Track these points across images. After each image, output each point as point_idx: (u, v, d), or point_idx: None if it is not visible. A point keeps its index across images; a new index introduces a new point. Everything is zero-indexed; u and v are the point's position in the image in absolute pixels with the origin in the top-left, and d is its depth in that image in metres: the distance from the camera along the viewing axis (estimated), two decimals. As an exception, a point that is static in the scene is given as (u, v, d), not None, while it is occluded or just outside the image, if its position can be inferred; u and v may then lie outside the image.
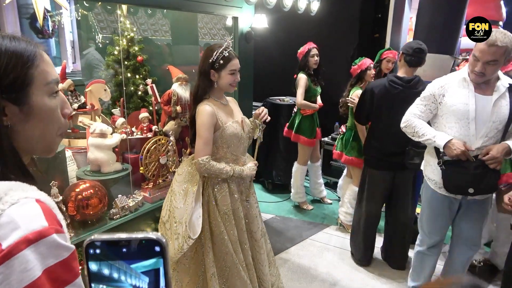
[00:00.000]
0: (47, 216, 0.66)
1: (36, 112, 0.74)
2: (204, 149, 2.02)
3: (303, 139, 3.91)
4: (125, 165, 2.81)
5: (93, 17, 4.71)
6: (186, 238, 2.02)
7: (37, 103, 0.74)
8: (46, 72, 0.76)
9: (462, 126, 2.14)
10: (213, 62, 2.03)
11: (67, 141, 2.88)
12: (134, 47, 3.38)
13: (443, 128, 2.23)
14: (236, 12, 3.26)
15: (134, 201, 2.68)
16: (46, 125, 0.77)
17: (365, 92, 2.94)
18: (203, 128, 2.02)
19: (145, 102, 3.44)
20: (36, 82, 0.74)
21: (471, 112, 2.10)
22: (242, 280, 2.17)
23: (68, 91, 2.82)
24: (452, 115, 2.17)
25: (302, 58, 3.78)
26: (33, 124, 0.74)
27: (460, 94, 2.15)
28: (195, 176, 2.13)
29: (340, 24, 4.83)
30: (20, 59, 0.72)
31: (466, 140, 2.13)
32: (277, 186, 4.67)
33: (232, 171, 2.08)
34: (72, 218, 2.34)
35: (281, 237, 3.64)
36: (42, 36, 4.17)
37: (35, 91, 0.74)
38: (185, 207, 2.06)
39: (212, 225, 2.15)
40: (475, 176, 2.09)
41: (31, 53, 0.74)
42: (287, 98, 4.69)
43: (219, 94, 2.15)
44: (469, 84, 2.14)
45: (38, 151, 0.81)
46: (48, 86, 0.76)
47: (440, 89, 2.21)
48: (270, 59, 5.06)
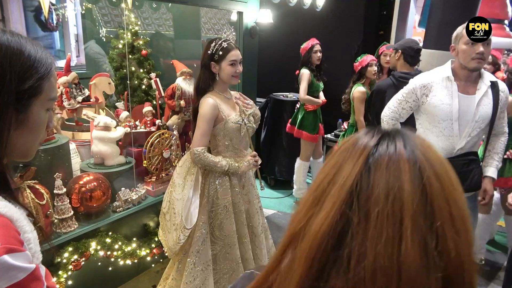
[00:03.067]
0: (1, 233, 0.61)
1: (30, 122, 0.73)
2: (201, 140, 2.04)
3: (306, 134, 3.91)
4: (129, 158, 2.82)
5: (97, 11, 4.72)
6: (182, 229, 2.06)
7: (34, 115, 0.73)
8: (52, 87, 0.76)
9: (446, 127, 2.11)
10: (213, 54, 2.03)
11: (71, 134, 2.89)
12: (139, 41, 3.38)
13: (427, 126, 2.20)
14: (241, 6, 3.25)
15: (137, 194, 2.69)
16: (32, 136, 0.76)
17: (373, 93, 2.93)
18: (203, 119, 2.04)
19: (149, 96, 3.44)
20: (43, 95, 0.73)
21: (454, 113, 2.07)
22: (238, 274, 2.18)
23: (73, 84, 2.83)
24: (435, 115, 2.13)
25: (305, 54, 3.78)
26: (20, 132, 0.73)
27: (443, 94, 2.11)
28: (194, 167, 2.14)
29: (345, 20, 4.81)
30: (39, 69, 0.72)
31: (450, 140, 2.12)
32: (279, 182, 4.67)
33: (227, 166, 2.07)
34: (76, 210, 2.36)
35: (282, 232, 3.64)
36: (47, 29, 4.17)
37: (38, 103, 0.73)
38: (183, 197, 2.09)
39: (210, 220, 2.16)
40: (459, 174, 2.09)
41: (48, 66, 0.74)
42: (290, 94, 4.68)
43: (222, 87, 2.15)
44: (452, 83, 2.09)
45: (16, 156, 0.78)
46: (49, 102, 0.76)
47: (423, 88, 2.16)
48: (274, 54, 5.05)
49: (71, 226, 2.31)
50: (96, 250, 2.34)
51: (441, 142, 2.14)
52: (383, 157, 0.50)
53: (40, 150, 2.22)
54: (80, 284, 2.32)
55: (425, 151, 0.51)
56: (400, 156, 0.49)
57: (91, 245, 2.32)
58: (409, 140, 0.52)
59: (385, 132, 0.53)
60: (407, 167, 0.48)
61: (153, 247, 2.65)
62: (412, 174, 0.48)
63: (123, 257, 2.49)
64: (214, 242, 2.19)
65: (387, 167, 0.49)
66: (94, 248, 2.33)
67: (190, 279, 2.13)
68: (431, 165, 0.50)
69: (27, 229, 0.68)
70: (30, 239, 0.68)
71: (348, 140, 0.55)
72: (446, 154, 2.13)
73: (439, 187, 0.48)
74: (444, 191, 0.49)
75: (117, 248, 2.44)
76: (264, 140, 4.62)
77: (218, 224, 2.17)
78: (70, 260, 2.22)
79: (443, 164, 0.52)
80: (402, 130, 0.54)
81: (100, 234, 2.41)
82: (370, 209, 0.47)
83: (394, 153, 0.50)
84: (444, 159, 0.53)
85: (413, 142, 0.52)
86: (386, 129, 0.54)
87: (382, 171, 0.49)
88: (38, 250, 0.71)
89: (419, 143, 0.52)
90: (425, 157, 0.50)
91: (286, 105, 4.52)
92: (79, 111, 2.86)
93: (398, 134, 0.53)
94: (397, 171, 0.48)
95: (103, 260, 2.44)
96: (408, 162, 0.49)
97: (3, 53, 0.67)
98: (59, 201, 2.25)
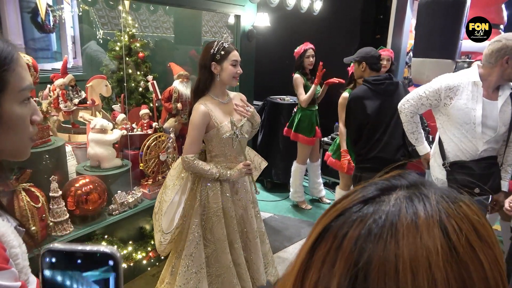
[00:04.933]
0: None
1: (5, 120, 0.67)
2: (191, 148, 2.04)
3: (302, 137, 3.91)
4: (125, 161, 2.80)
5: (94, 13, 4.71)
6: (162, 232, 2.10)
7: (7, 111, 0.67)
8: (21, 77, 0.68)
9: (468, 130, 2.15)
10: (214, 54, 2.02)
11: (67, 136, 2.88)
12: (136, 43, 3.38)
13: (448, 127, 2.23)
14: (239, 10, 3.25)
15: (133, 197, 2.68)
16: (15, 134, 0.70)
17: (350, 102, 2.91)
18: (192, 127, 2.04)
19: (146, 98, 3.44)
20: (10, 88, 0.66)
21: (477, 117, 2.11)
22: (229, 279, 2.19)
23: (69, 86, 2.82)
24: (458, 118, 2.17)
25: (297, 58, 3.78)
26: (1, 132, 0.67)
27: (468, 98, 2.14)
28: (185, 172, 2.14)
29: (342, 24, 4.83)
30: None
31: (473, 142, 2.15)
32: (276, 185, 4.67)
33: (218, 174, 2.07)
34: (72, 213, 2.34)
35: (279, 236, 3.64)
36: (43, 31, 4.15)
37: (7, 98, 0.66)
38: (170, 200, 2.10)
39: (203, 222, 2.16)
40: (481, 176, 2.12)
41: (8, 55, 0.66)
42: (287, 97, 4.69)
43: (219, 91, 2.12)
44: (478, 88, 2.13)
45: (8, 156, 0.73)
46: (21, 93, 0.69)
47: (448, 91, 2.19)
48: (271, 58, 5.05)
49: (67, 229, 2.30)
50: (91, 253, 2.32)
51: (464, 144, 2.18)
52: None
53: (36, 152, 2.21)
54: (75, 287, 2.30)
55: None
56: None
57: (87, 248, 2.30)
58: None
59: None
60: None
61: (149, 251, 2.64)
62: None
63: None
64: (207, 245, 2.19)
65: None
66: (90, 252, 2.31)
67: (184, 282, 2.12)
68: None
69: (14, 244, 0.64)
70: (18, 254, 0.64)
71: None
72: (470, 156, 2.18)
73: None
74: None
75: (112, 252, 2.43)
76: (261, 143, 4.62)
77: (209, 227, 2.17)
78: (65, 263, 2.20)
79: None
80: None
81: (96, 237, 2.39)
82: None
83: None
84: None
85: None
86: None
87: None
88: (26, 265, 0.67)
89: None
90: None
91: (283, 108, 4.53)
92: (75, 113, 2.85)
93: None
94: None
95: (98, 264, 2.43)
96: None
97: None
98: (54, 204, 2.23)
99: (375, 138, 2.88)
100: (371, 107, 2.83)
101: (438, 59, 2.26)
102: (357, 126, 2.94)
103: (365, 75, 2.92)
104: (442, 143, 2.31)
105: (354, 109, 2.91)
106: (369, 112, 2.83)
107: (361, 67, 2.92)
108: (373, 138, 2.88)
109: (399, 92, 2.86)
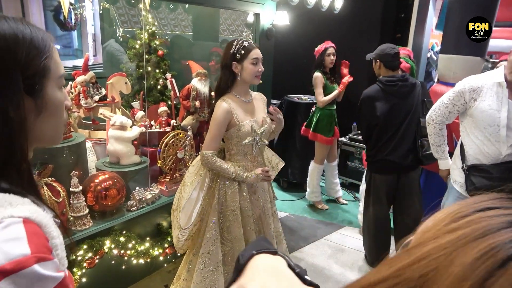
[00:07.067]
0: (32, 241, 0.58)
1: (49, 105, 0.71)
2: (210, 144, 2.05)
3: (321, 137, 3.88)
4: (143, 158, 2.83)
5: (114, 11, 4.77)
6: (179, 228, 2.10)
7: (51, 96, 0.71)
8: (57, 63, 0.72)
9: (492, 132, 2.09)
10: (234, 54, 2.02)
11: (87, 133, 2.92)
12: (156, 41, 3.40)
13: (471, 130, 2.18)
14: (258, 8, 3.24)
15: (151, 194, 2.70)
16: (55, 118, 0.73)
17: (362, 102, 2.88)
18: (214, 124, 2.04)
19: (164, 96, 3.46)
20: (51, 74, 0.70)
21: (502, 119, 2.05)
22: None
23: (90, 83, 2.85)
24: (481, 120, 2.11)
25: (318, 57, 3.75)
26: (44, 117, 0.70)
27: (493, 99, 2.08)
28: (204, 169, 2.15)
29: (362, 23, 4.76)
30: (40, 49, 0.68)
31: (496, 145, 2.09)
32: (292, 185, 4.65)
33: (235, 174, 2.07)
34: (91, 208, 2.38)
35: (295, 235, 3.62)
36: (65, 29, 4.23)
37: (49, 83, 0.70)
38: (188, 196, 2.11)
39: (220, 220, 2.16)
40: (500, 180, 2.06)
41: (47, 41, 0.70)
42: (305, 97, 4.65)
43: (242, 89, 2.12)
44: (503, 89, 2.06)
45: (46, 142, 0.76)
46: (59, 80, 0.73)
47: (472, 92, 2.14)
48: (290, 56, 5.02)
49: (86, 224, 2.33)
50: (110, 248, 2.35)
51: (487, 147, 2.12)
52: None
53: (57, 148, 2.25)
54: (94, 281, 2.33)
55: None
56: None
57: (105, 243, 2.33)
58: None
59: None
60: None
61: (166, 247, 2.65)
62: None
63: (136, 256, 2.50)
64: (224, 243, 2.19)
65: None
66: (108, 247, 2.34)
67: (201, 279, 2.13)
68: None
69: (55, 235, 0.65)
70: (57, 245, 0.66)
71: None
72: (492, 160, 2.12)
73: None
74: None
75: (130, 247, 2.45)
76: (278, 142, 4.60)
77: (227, 225, 2.17)
78: (84, 257, 2.23)
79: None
80: None
81: (114, 232, 2.42)
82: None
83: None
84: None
85: None
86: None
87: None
88: (64, 256, 0.68)
89: None
90: None
91: (300, 107, 4.49)
92: (95, 110, 2.89)
93: None
94: None
95: (116, 259, 2.46)
96: None
97: (1, 45, 0.64)
98: (74, 199, 2.26)
99: (384, 140, 2.83)
100: (381, 108, 2.78)
101: (466, 56, 2.18)
102: (366, 126, 2.92)
103: (381, 73, 2.85)
104: (463, 146, 2.25)
105: (364, 109, 2.87)
106: (378, 114, 2.79)
107: (377, 65, 2.87)
108: (382, 140, 2.83)
109: (414, 94, 2.79)
